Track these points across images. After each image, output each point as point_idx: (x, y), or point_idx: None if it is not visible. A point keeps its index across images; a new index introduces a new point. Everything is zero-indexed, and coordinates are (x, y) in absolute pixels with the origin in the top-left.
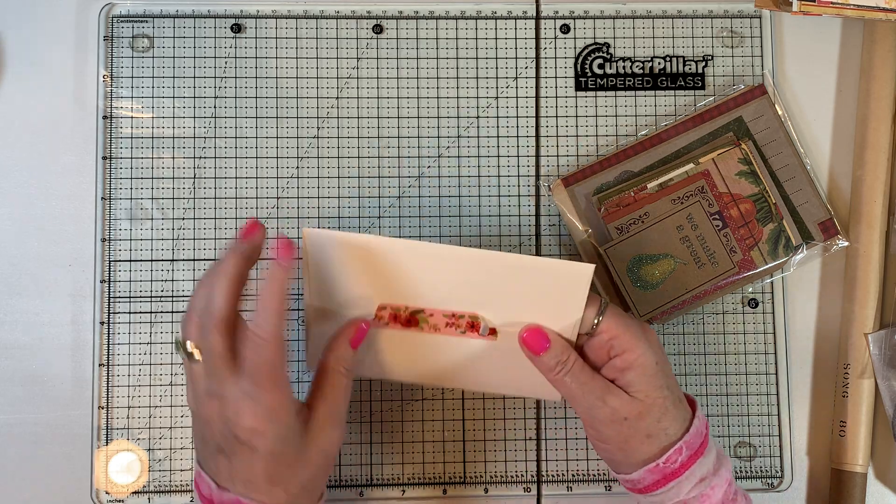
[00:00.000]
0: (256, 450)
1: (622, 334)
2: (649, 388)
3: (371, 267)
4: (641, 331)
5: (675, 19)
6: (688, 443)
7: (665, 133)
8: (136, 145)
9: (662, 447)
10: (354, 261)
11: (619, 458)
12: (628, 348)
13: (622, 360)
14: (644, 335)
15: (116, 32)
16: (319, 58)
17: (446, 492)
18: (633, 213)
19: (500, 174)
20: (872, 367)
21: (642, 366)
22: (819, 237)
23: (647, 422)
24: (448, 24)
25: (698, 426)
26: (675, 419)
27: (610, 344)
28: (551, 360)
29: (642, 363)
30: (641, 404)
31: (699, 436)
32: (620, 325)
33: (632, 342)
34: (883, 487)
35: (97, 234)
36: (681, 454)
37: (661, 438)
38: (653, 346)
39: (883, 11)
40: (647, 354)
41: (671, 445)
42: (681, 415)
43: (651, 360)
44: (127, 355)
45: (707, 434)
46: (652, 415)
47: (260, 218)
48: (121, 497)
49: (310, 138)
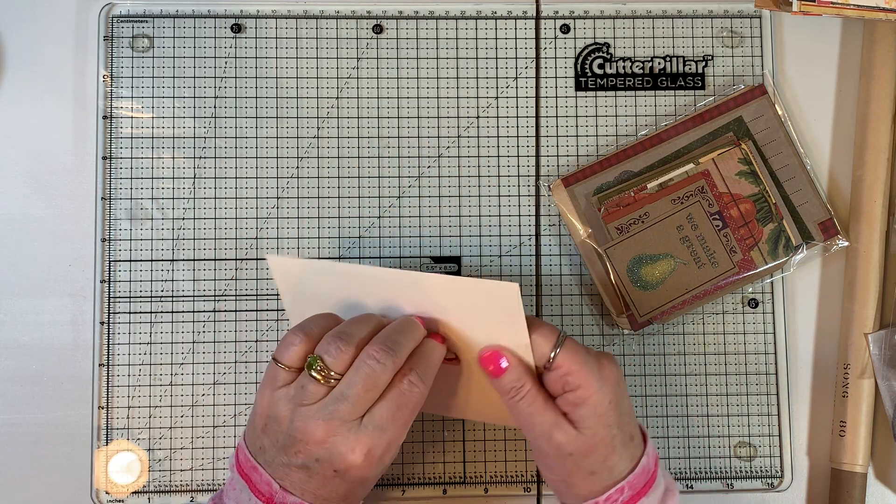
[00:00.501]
0: (346, 481)
1: (577, 371)
2: (598, 427)
3: (338, 291)
4: (597, 367)
5: (675, 19)
6: (631, 483)
7: (665, 133)
8: (136, 145)
9: (605, 486)
10: (323, 285)
11: (562, 491)
12: (582, 385)
13: (575, 395)
14: (599, 373)
15: (116, 32)
16: (319, 58)
17: (446, 492)
18: (633, 213)
19: (500, 174)
20: (872, 367)
21: (594, 404)
22: (819, 237)
23: (591, 459)
24: (448, 24)
25: (645, 464)
26: (622, 458)
27: (565, 379)
28: (507, 384)
29: (594, 402)
30: (588, 442)
31: (645, 474)
32: (577, 360)
33: (586, 380)
34: (883, 487)
35: (97, 234)
36: (622, 494)
37: (604, 477)
38: (608, 384)
39: (883, 11)
40: (600, 393)
41: (614, 484)
42: (629, 453)
43: (604, 399)
44: (127, 355)
45: (656, 471)
46: (598, 453)
47: (260, 218)
48: (121, 497)
49: (310, 138)
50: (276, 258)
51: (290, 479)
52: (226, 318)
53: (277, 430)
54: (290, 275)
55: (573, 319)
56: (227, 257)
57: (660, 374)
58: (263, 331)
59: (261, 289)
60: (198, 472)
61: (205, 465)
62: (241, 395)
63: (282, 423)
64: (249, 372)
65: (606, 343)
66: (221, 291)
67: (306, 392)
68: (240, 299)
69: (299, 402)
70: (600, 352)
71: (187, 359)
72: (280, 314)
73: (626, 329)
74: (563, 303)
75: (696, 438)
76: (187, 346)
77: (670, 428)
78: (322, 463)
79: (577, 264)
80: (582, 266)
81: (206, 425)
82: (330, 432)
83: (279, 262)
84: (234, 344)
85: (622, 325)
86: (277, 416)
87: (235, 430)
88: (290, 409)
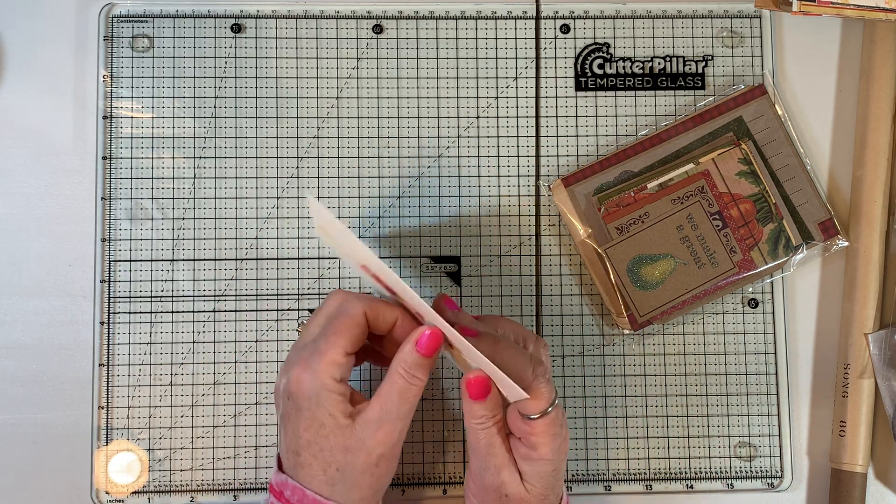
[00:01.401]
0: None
1: (548, 442)
2: (539, 485)
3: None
4: (562, 440)
5: (675, 19)
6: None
7: (665, 133)
8: (136, 145)
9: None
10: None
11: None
12: (542, 454)
13: (533, 453)
14: (561, 446)
15: (116, 32)
16: (319, 58)
17: (446, 492)
18: (633, 213)
19: (500, 174)
20: (872, 367)
21: (543, 469)
22: (819, 237)
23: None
24: (448, 24)
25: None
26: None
27: (530, 439)
28: (479, 411)
29: (544, 469)
30: (527, 495)
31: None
32: (551, 430)
33: (548, 448)
34: (883, 487)
35: (97, 234)
36: None
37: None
38: (560, 456)
39: (883, 11)
40: (553, 462)
41: None
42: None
43: (549, 468)
44: (127, 355)
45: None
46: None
47: (260, 218)
48: (121, 497)
49: (310, 138)
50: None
51: (283, 449)
52: (226, 318)
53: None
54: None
55: (573, 319)
56: (227, 257)
57: (660, 374)
58: (263, 331)
59: (261, 289)
60: (198, 472)
61: (205, 465)
62: (241, 395)
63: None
64: (249, 372)
65: (606, 343)
66: (221, 291)
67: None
68: (240, 299)
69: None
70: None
71: (187, 359)
72: (280, 314)
73: (626, 329)
74: (563, 303)
75: (696, 438)
76: (187, 346)
77: (670, 428)
78: (281, 399)
79: (577, 264)
80: (582, 266)
81: (206, 425)
82: (286, 361)
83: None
84: (234, 344)
85: (622, 325)
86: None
87: (235, 430)
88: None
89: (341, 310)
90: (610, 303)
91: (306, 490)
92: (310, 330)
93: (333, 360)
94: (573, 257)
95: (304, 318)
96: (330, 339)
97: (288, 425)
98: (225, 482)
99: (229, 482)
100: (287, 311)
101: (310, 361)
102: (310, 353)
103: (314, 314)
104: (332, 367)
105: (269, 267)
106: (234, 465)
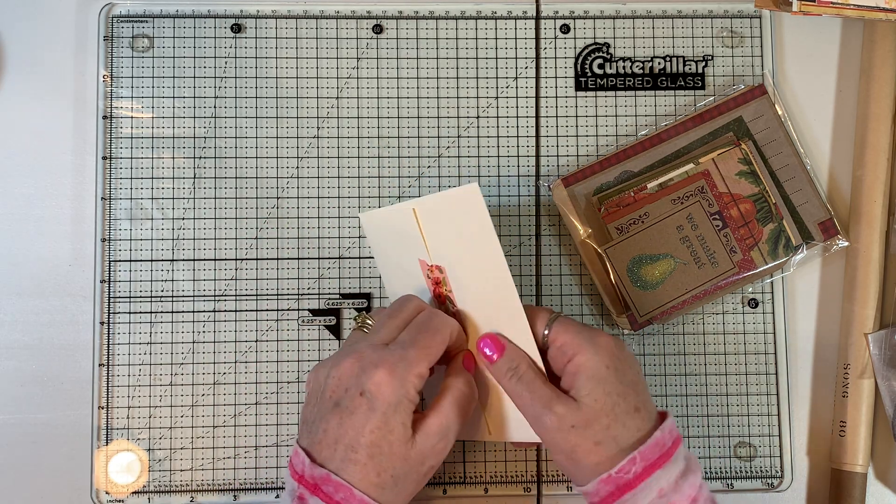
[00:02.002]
0: (374, 409)
1: (570, 340)
2: (598, 393)
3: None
4: (590, 335)
5: (675, 19)
6: (643, 453)
7: (665, 133)
8: (136, 145)
9: (611, 455)
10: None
11: (572, 470)
12: (577, 352)
13: (572, 364)
14: (592, 340)
15: (116, 32)
16: (319, 58)
17: (446, 492)
18: (633, 213)
19: (500, 174)
20: (872, 367)
21: (590, 368)
22: (819, 237)
23: (595, 429)
24: (448, 24)
25: (659, 438)
26: (626, 427)
27: (562, 350)
28: (503, 366)
29: (590, 366)
30: (589, 410)
31: (660, 447)
32: (570, 330)
33: (580, 346)
34: (883, 487)
35: (97, 234)
36: (634, 464)
37: (610, 447)
38: (603, 350)
39: (883, 11)
40: (595, 358)
41: (623, 455)
42: (635, 424)
43: (600, 364)
44: (127, 355)
45: (673, 448)
46: (600, 422)
47: (260, 218)
48: (121, 497)
49: (310, 138)
50: (367, 214)
51: (325, 436)
52: (226, 318)
53: (317, 390)
54: (377, 226)
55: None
56: (227, 257)
57: (660, 374)
58: (263, 331)
59: (261, 289)
60: (198, 472)
61: (205, 465)
62: (241, 395)
63: (319, 379)
64: (249, 372)
65: None
66: (221, 291)
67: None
68: (240, 299)
69: (339, 353)
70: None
71: (187, 359)
72: (280, 314)
73: (626, 329)
74: (563, 303)
75: (696, 438)
76: (187, 346)
77: None
78: (350, 391)
79: (577, 264)
80: (582, 266)
81: (206, 425)
82: (357, 357)
83: (369, 217)
84: (233, 344)
85: (622, 325)
86: (317, 378)
87: (235, 430)
88: (332, 363)
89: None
90: (610, 303)
91: (354, 489)
92: (382, 332)
93: (420, 373)
94: (573, 257)
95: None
96: (421, 353)
97: (350, 419)
98: (225, 482)
99: (229, 482)
100: (287, 311)
101: (397, 368)
102: (397, 359)
103: (389, 314)
104: (418, 380)
105: (269, 267)
106: (234, 465)
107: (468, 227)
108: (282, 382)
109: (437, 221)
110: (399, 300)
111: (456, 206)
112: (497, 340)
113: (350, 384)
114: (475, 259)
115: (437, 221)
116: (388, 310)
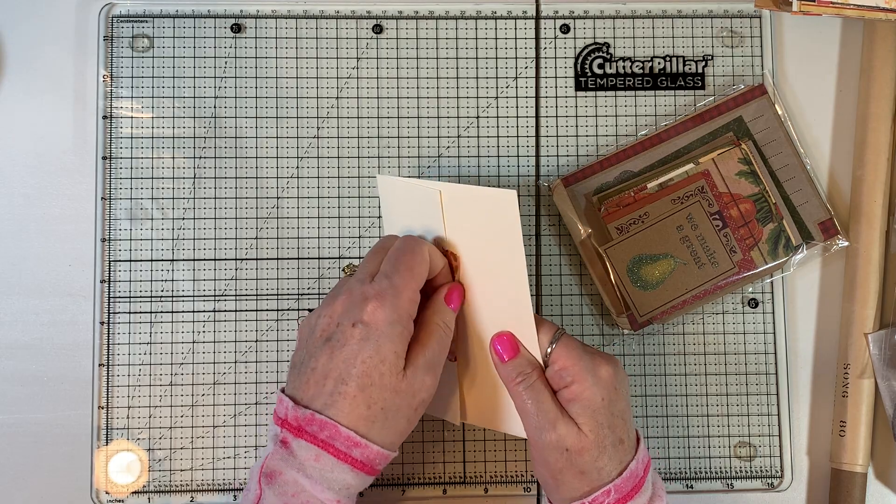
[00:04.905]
0: (367, 338)
1: (572, 366)
2: (592, 425)
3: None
4: (592, 364)
5: (675, 19)
6: (617, 486)
7: (665, 133)
8: (136, 145)
9: (592, 487)
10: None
11: (552, 487)
12: (575, 380)
13: (569, 391)
14: (593, 369)
15: (116, 32)
16: (319, 58)
17: (446, 492)
18: (633, 213)
19: (500, 174)
20: (872, 367)
21: (587, 399)
22: (819, 237)
23: (584, 458)
24: (448, 24)
25: (634, 469)
26: (611, 459)
27: (560, 374)
28: (514, 370)
29: (587, 396)
30: (585, 440)
31: (633, 479)
32: (572, 356)
33: (579, 374)
34: (883, 487)
35: (97, 234)
36: (608, 496)
37: (593, 478)
38: (601, 382)
39: (883, 11)
40: (593, 389)
41: (601, 486)
42: (618, 456)
43: (596, 395)
44: (127, 355)
45: (644, 476)
46: (590, 453)
47: (260, 218)
48: (121, 497)
49: (310, 138)
50: (385, 178)
51: (313, 375)
52: (226, 318)
53: (308, 334)
54: (392, 192)
55: (573, 319)
56: (227, 257)
57: (660, 374)
58: (263, 331)
59: (261, 289)
60: (198, 472)
61: (205, 465)
62: (241, 395)
63: (311, 322)
64: (249, 372)
65: (606, 343)
66: (221, 291)
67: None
68: (240, 299)
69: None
70: (603, 353)
71: (187, 359)
72: (280, 314)
73: (626, 329)
74: (563, 303)
75: (696, 438)
76: (187, 346)
77: (670, 428)
78: (342, 325)
79: (577, 264)
80: (582, 266)
81: (206, 425)
82: (348, 294)
83: (388, 182)
84: (233, 344)
85: (622, 325)
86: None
87: (235, 430)
88: (325, 304)
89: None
90: (610, 303)
91: (340, 426)
92: (367, 267)
93: (410, 297)
94: (573, 257)
95: (350, 263)
96: (406, 276)
97: (340, 352)
98: (225, 482)
99: (229, 482)
100: (287, 311)
101: (386, 294)
102: (385, 287)
103: (370, 254)
104: (409, 305)
105: (269, 267)
106: (234, 465)
107: (495, 230)
108: (282, 382)
109: (463, 213)
110: (380, 240)
111: (487, 206)
112: (513, 342)
113: (342, 319)
114: (495, 262)
115: (463, 213)
116: (371, 250)
